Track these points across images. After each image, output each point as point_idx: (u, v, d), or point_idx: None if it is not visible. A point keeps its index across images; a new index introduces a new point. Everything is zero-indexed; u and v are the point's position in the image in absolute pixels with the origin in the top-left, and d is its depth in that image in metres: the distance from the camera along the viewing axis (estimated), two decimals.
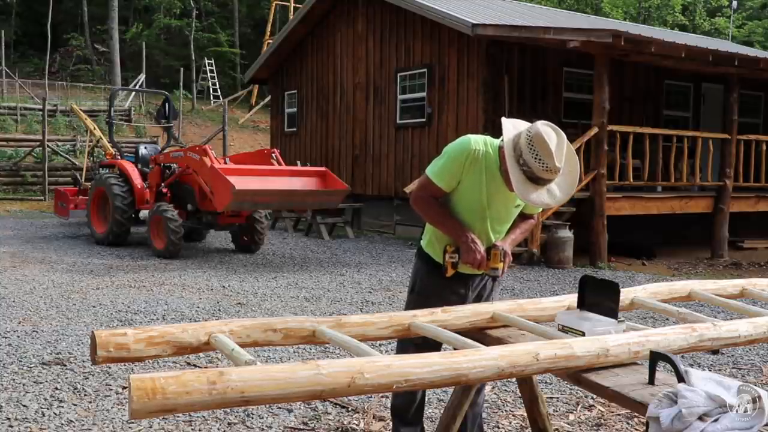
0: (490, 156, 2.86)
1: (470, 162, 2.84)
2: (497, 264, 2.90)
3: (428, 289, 3.06)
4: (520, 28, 10.97)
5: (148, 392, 1.65)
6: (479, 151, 2.85)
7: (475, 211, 2.93)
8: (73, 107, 16.72)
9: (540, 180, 2.67)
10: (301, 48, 16.33)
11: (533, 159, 2.63)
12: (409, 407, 3.21)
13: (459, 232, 2.89)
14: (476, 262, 2.86)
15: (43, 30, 28.44)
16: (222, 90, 30.55)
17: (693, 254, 11.62)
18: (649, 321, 6.35)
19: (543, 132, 2.65)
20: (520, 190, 2.68)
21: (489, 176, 2.86)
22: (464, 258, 2.88)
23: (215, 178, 9.07)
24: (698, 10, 37.43)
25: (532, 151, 2.63)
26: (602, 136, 10.14)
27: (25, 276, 8.06)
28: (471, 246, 2.85)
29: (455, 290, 3.04)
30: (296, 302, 7.09)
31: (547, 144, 2.62)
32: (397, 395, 3.16)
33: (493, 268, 2.91)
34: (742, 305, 3.06)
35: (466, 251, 2.86)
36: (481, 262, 2.87)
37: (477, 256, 2.85)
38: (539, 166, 2.64)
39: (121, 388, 4.26)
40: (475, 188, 2.88)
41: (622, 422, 3.94)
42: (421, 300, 3.01)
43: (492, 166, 2.86)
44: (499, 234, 3.03)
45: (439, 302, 2.89)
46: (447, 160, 2.89)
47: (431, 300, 2.93)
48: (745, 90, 13.07)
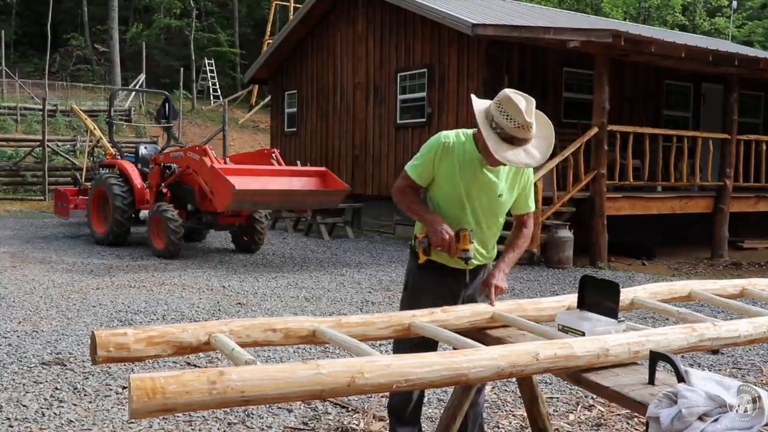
0: (464, 145, 2.95)
1: (442, 154, 2.94)
2: (466, 245, 2.88)
3: (420, 286, 3.08)
4: (520, 28, 10.97)
5: (148, 392, 1.65)
6: (451, 143, 2.94)
7: (454, 200, 2.97)
8: (73, 107, 16.72)
9: (514, 139, 2.73)
10: (301, 48, 16.33)
11: (504, 119, 2.72)
12: (406, 406, 3.21)
13: (428, 217, 2.94)
14: (444, 243, 2.86)
15: (43, 30, 28.44)
16: (222, 90, 30.55)
17: (693, 254, 11.62)
18: (649, 321, 6.35)
19: (510, 94, 2.76)
20: (496, 149, 2.73)
21: (464, 165, 2.93)
22: (432, 240, 2.89)
23: (215, 178, 9.07)
24: (698, 10, 37.43)
25: (502, 112, 2.73)
26: (602, 136, 10.14)
27: (25, 276, 8.06)
28: (437, 228, 2.88)
29: (448, 285, 3.05)
30: (296, 302, 7.09)
31: (514, 102, 2.72)
32: (394, 394, 3.17)
33: (463, 249, 2.88)
34: (742, 305, 3.07)
35: (433, 233, 2.88)
36: (450, 244, 2.87)
37: (444, 236, 2.85)
38: (510, 123, 2.71)
39: (121, 388, 4.26)
40: (451, 178, 2.95)
41: (622, 422, 3.94)
42: (414, 296, 3.05)
43: (466, 155, 2.93)
44: (489, 229, 3.05)
45: (431, 298, 2.93)
46: (421, 155, 3.01)
47: (424, 296, 2.97)
48: (745, 90, 13.07)
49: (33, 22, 31.94)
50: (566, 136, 12.16)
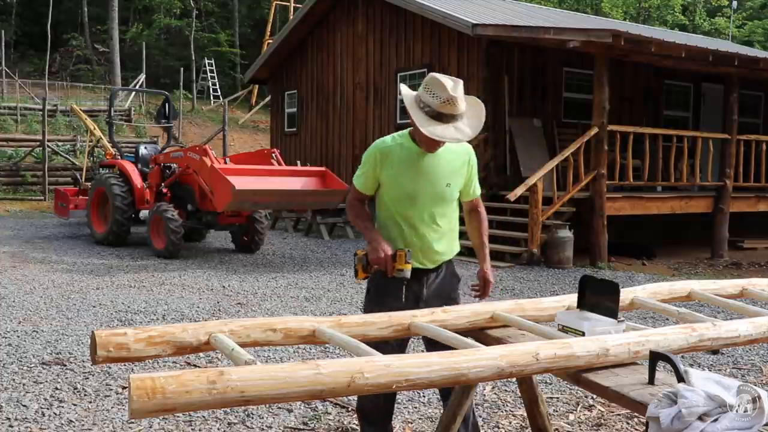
0: (402, 144, 2.99)
1: (381, 159, 2.98)
2: (402, 265, 2.88)
3: (381, 289, 3.04)
4: (520, 28, 10.97)
5: (148, 392, 1.65)
6: (388, 146, 2.99)
7: (404, 199, 2.98)
8: (73, 107, 16.71)
9: (442, 116, 2.77)
10: (301, 48, 16.33)
11: (430, 96, 2.79)
12: (374, 409, 3.14)
13: (369, 234, 2.99)
14: (381, 261, 2.88)
15: (43, 30, 28.43)
16: (222, 90, 30.55)
17: (693, 254, 11.61)
18: (649, 321, 6.35)
19: (435, 75, 2.84)
20: (425, 127, 2.76)
21: (405, 163, 2.96)
22: (370, 258, 2.92)
23: (215, 178, 9.07)
24: (698, 10, 37.43)
25: (428, 91, 2.80)
26: (602, 136, 10.14)
27: (25, 276, 8.06)
28: (376, 246, 2.91)
29: (409, 287, 3.01)
30: (296, 302, 7.09)
31: (439, 80, 2.79)
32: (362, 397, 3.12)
33: (399, 269, 2.88)
34: (742, 305, 3.06)
35: (372, 251, 2.91)
36: (387, 262, 2.88)
37: (381, 254, 2.88)
38: (436, 100, 2.77)
39: (121, 388, 4.26)
40: (395, 179, 2.97)
41: (622, 422, 3.94)
42: (376, 300, 3.03)
43: (404, 152, 2.97)
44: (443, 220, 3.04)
45: (393, 301, 2.94)
46: (362, 165, 3.06)
47: (385, 299, 2.96)
48: (745, 90, 13.07)
49: (33, 22, 31.93)
50: (566, 136, 12.20)
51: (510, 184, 10.99)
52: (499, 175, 11.89)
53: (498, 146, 11.89)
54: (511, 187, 10.33)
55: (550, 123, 12.48)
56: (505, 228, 10.77)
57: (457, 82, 2.82)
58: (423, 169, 2.96)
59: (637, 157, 10.96)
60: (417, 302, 3.00)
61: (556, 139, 12.44)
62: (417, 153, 2.95)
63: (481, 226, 3.22)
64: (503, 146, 11.98)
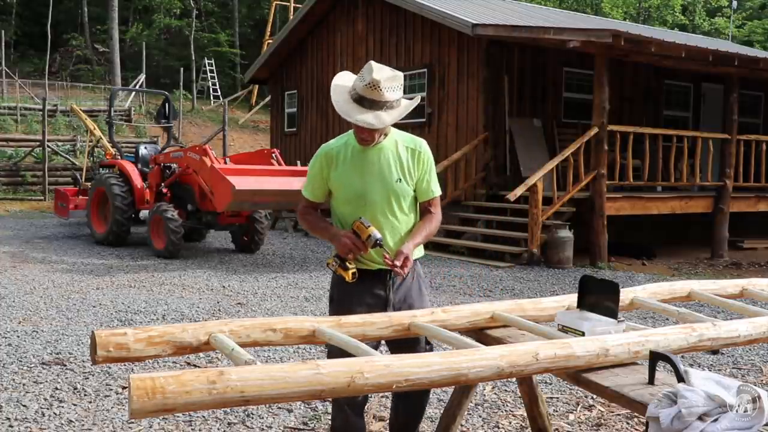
0: (346, 144, 2.91)
1: (326, 163, 2.90)
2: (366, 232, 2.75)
3: (345, 296, 2.92)
4: (520, 28, 10.97)
5: (148, 392, 1.65)
6: (331, 148, 2.92)
7: (354, 200, 2.88)
8: (73, 107, 16.70)
9: (364, 100, 2.70)
10: (301, 48, 16.33)
11: (358, 81, 2.74)
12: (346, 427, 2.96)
13: (328, 234, 2.90)
14: (349, 246, 2.77)
15: (43, 30, 28.43)
16: (222, 90, 30.55)
17: (693, 254, 11.61)
18: (649, 321, 6.35)
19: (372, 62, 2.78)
20: (344, 110, 2.73)
21: (349, 162, 2.87)
22: (339, 251, 2.80)
23: (215, 178, 9.07)
24: (698, 10, 37.42)
25: (360, 77, 2.75)
26: (602, 136, 10.14)
27: (25, 276, 8.06)
28: (338, 239, 2.80)
29: (373, 292, 2.90)
30: (296, 302, 7.09)
31: (371, 65, 2.73)
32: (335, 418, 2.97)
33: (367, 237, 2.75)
34: (742, 305, 3.07)
35: (337, 245, 2.80)
36: (355, 243, 2.77)
37: (346, 241, 2.77)
38: (361, 83, 2.71)
39: (121, 388, 4.26)
40: (342, 180, 2.89)
41: (622, 422, 3.94)
42: (341, 308, 2.88)
43: (349, 151, 2.89)
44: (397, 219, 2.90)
45: (359, 307, 2.82)
46: (308, 174, 3.00)
47: (351, 306, 2.84)
48: (745, 90, 13.06)
49: (33, 22, 31.93)
50: (566, 136, 12.20)
51: (510, 184, 10.99)
52: (499, 175, 11.89)
53: (498, 146, 11.89)
54: (511, 187, 10.32)
55: (550, 123, 12.48)
56: (505, 228, 10.77)
57: (393, 71, 2.75)
58: (370, 165, 2.86)
59: (637, 157, 10.96)
60: (385, 308, 2.88)
61: (556, 139, 12.44)
62: (362, 151, 2.86)
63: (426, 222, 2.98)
64: (503, 146, 11.98)
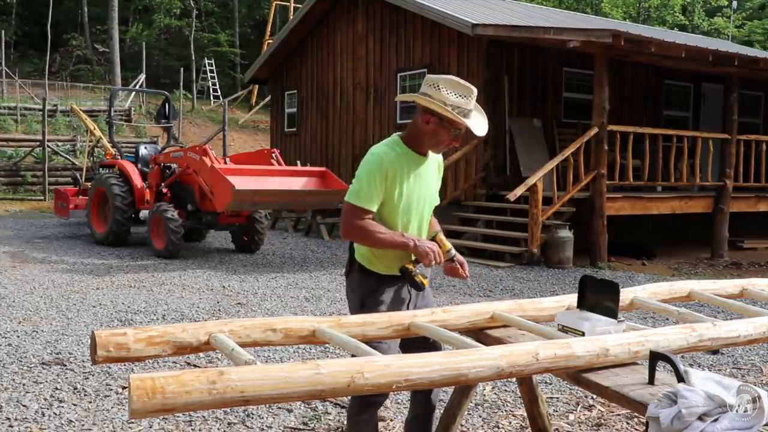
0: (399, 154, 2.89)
1: (390, 172, 2.84)
2: (447, 246, 2.94)
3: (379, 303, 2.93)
4: (520, 28, 10.97)
5: (148, 392, 1.65)
6: (392, 158, 2.87)
7: (406, 210, 2.91)
8: (73, 107, 16.70)
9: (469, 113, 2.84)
10: (301, 48, 16.33)
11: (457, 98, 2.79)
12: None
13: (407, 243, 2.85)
14: (435, 256, 2.84)
15: (43, 30, 28.43)
16: (222, 90, 30.55)
17: (693, 254, 11.61)
18: (649, 321, 6.35)
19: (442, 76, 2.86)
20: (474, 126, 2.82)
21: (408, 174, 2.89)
22: (425, 262, 2.84)
23: (215, 178, 9.07)
24: (698, 10, 37.42)
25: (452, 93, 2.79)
26: (602, 136, 10.14)
27: (25, 276, 8.06)
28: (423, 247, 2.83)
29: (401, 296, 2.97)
30: (296, 302, 7.09)
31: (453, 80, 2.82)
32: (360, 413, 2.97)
33: (447, 251, 2.94)
34: (742, 305, 3.06)
35: (422, 255, 2.83)
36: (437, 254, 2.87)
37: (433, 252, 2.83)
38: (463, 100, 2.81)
39: (121, 388, 4.26)
40: (401, 191, 2.88)
41: (622, 422, 3.94)
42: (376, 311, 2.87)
43: (405, 162, 2.89)
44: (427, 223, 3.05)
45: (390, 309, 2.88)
46: (367, 181, 2.84)
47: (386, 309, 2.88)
48: (745, 90, 13.06)
49: (33, 22, 31.93)
50: (566, 136, 12.20)
51: (510, 184, 10.99)
52: (499, 175, 11.88)
53: (498, 146, 11.89)
54: (511, 187, 10.32)
55: (550, 123, 12.48)
56: (505, 228, 10.77)
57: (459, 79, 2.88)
58: (421, 177, 2.94)
59: (637, 157, 10.96)
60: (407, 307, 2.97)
61: (556, 139, 12.44)
62: (415, 161, 2.92)
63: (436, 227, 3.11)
64: (503, 146, 11.98)
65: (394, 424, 3.84)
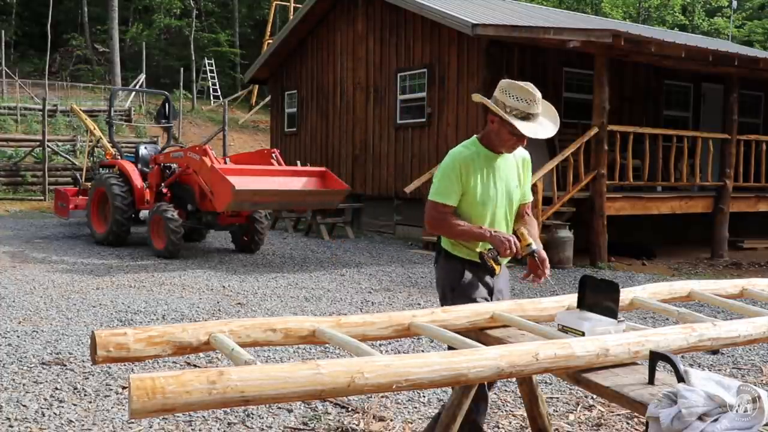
0: (477, 152, 3.14)
1: (465, 169, 3.10)
2: (528, 241, 3.12)
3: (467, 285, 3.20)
4: (520, 28, 10.97)
5: (148, 392, 1.65)
6: (467, 156, 3.12)
7: (488, 204, 3.15)
8: (73, 107, 16.70)
9: (530, 116, 3.02)
10: (301, 48, 16.33)
11: (515, 101, 3.02)
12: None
13: (483, 234, 3.09)
14: (511, 247, 3.05)
15: (43, 30, 28.43)
16: (222, 90, 30.54)
17: (693, 254, 11.61)
18: (649, 321, 6.35)
19: (508, 80, 3.11)
20: (525, 130, 2.98)
21: (483, 170, 3.13)
22: (500, 251, 3.05)
23: (215, 178, 9.07)
24: (697, 10, 37.41)
25: (511, 96, 3.03)
26: (602, 136, 10.14)
27: (25, 276, 8.06)
28: (499, 237, 3.05)
29: (485, 281, 3.22)
30: (296, 302, 7.09)
31: (518, 84, 3.04)
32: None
33: (527, 245, 3.12)
34: (742, 305, 3.06)
35: (498, 245, 3.05)
36: (516, 247, 3.07)
37: (510, 241, 3.04)
38: (522, 103, 3.01)
39: (121, 388, 4.26)
40: (476, 188, 3.13)
41: (622, 422, 3.94)
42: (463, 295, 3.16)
43: (481, 160, 3.13)
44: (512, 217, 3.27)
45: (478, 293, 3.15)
46: (445, 179, 3.14)
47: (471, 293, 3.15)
48: (745, 90, 13.06)
49: (33, 22, 31.93)
50: (566, 136, 12.17)
51: None
52: None
53: None
54: None
55: None
56: None
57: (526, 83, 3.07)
58: (499, 173, 3.16)
59: (637, 157, 10.96)
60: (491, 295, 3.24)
61: (556, 139, 12.41)
62: (492, 158, 3.15)
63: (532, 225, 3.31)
64: None
65: (394, 424, 3.84)
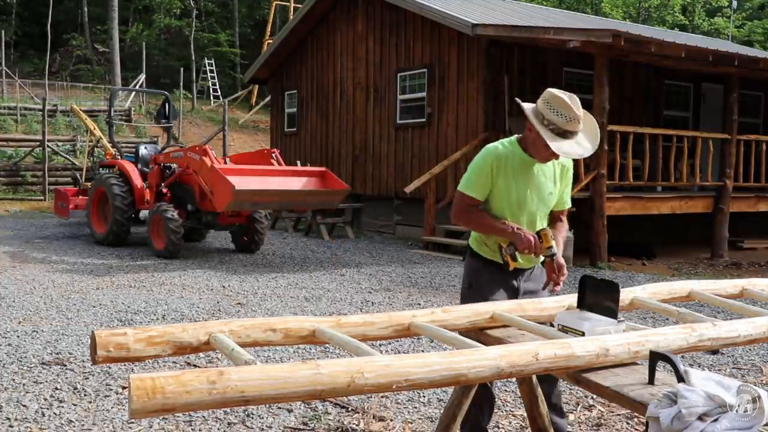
0: (513, 152, 3.12)
1: (496, 166, 3.09)
2: (549, 243, 3.09)
3: (484, 284, 3.21)
4: (520, 28, 10.97)
5: (148, 392, 1.65)
6: (501, 153, 3.10)
7: (515, 206, 3.14)
8: (73, 107, 16.70)
9: (566, 133, 2.95)
10: (301, 48, 16.33)
11: (554, 115, 2.94)
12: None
13: (505, 229, 3.08)
14: (531, 246, 3.04)
15: (43, 30, 28.43)
16: (222, 90, 30.54)
17: (693, 254, 11.61)
18: (649, 321, 6.35)
19: (554, 91, 3.00)
20: (554, 145, 2.93)
21: (517, 171, 3.12)
22: (519, 247, 3.04)
23: (215, 178, 9.07)
24: (698, 10, 37.41)
25: (552, 109, 2.95)
26: (602, 136, 10.13)
27: (25, 276, 8.06)
28: (520, 234, 3.04)
29: (508, 283, 3.21)
30: (296, 302, 7.09)
31: (561, 98, 2.95)
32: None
33: (548, 247, 3.09)
34: (742, 305, 3.06)
35: (518, 241, 3.04)
36: (535, 245, 3.05)
37: (530, 240, 3.03)
38: (561, 119, 2.93)
39: (121, 388, 4.26)
40: (506, 186, 3.12)
41: (622, 422, 3.94)
42: (478, 294, 3.16)
43: (516, 160, 3.10)
44: (542, 221, 3.23)
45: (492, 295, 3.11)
46: (475, 172, 3.15)
47: (487, 292, 3.13)
48: (745, 90, 13.06)
49: (33, 22, 31.93)
50: None
51: None
52: None
53: None
54: None
55: None
56: None
57: (573, 98, 2.97)
58: (533, 177, 3.14)
59: (637, 157, 10.96)
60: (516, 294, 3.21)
61: None
62: (528, 161, 3.11)
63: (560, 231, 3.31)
64: None
65: (394, 424, 3.84)
